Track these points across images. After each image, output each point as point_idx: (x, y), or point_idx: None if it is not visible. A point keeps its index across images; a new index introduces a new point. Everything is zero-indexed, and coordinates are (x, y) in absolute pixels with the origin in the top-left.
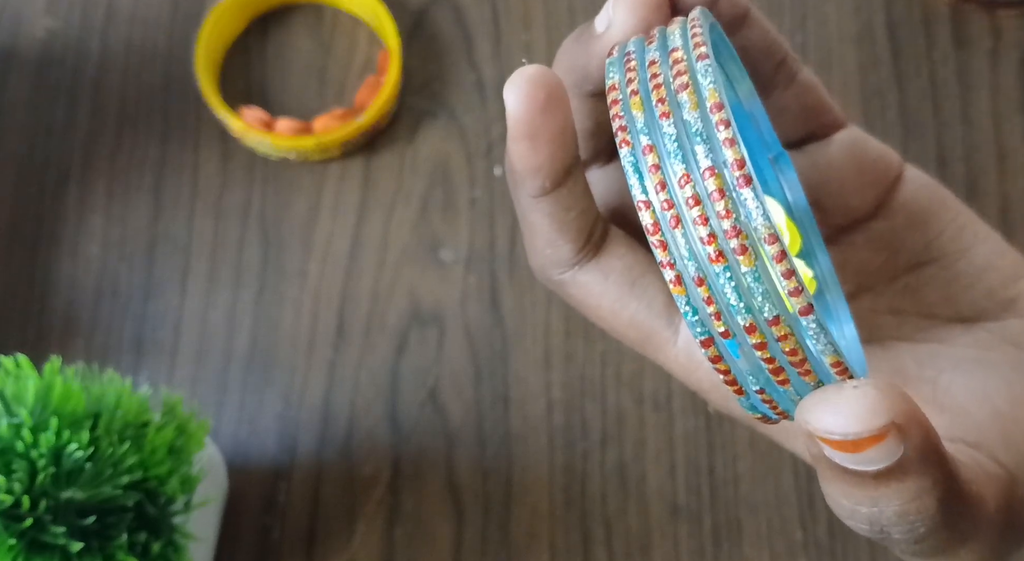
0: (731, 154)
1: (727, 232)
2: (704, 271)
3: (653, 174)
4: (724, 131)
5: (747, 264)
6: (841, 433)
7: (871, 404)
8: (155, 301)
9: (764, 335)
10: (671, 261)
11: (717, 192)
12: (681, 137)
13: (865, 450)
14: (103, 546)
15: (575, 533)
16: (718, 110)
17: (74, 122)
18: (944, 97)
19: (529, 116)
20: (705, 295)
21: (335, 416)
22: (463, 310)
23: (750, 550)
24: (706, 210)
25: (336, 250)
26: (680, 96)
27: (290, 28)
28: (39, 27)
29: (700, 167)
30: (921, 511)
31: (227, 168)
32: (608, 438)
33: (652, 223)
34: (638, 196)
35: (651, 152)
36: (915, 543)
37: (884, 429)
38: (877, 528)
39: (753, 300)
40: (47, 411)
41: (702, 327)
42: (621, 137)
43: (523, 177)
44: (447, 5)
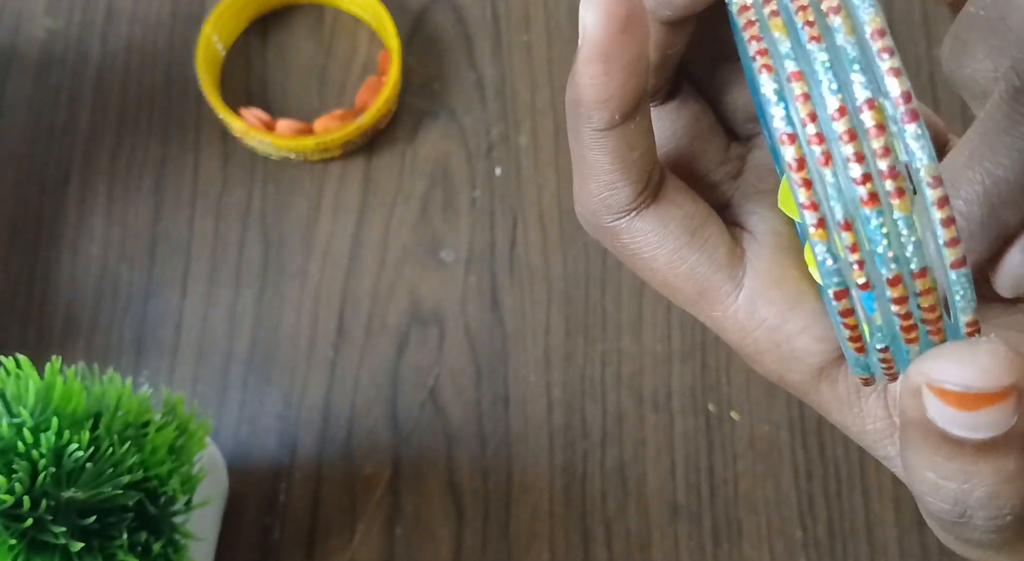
0: (897, 85)
1: (883, 173)
2: (853, 215)
3: (802, 104)
4: (888, 59)
5: (902, 209)
6: (964, 385)
7: (1000, 360)
8: (155, 301)
9: (906, 288)
10: (815, 202)
11: (876, 128)
12: (835, 64)
13: (982, 408)
14: (104, 546)
15: (575, 533)
16: (880, 37)
17: (74, 122)
18: (944, 97)
19: (608, 36)
20: (850, 241)
21: (335, 416)
22: (463, 310)
23: (750, 550)
24: (863, 147)
25: (336, 250)
26: (831, 19)
27: (290, 28)
28: (39, 27)
29: (858, 99)
30: (1015, 495)
31: (227, 168)
32: (608, 438)
33: (797, 159)
34: (781, 128)
35: (799, 80)
36: (994, 532)
37: (1008, 389)
38: (961, 509)
39: (903, 250)
40: (48, 411)
41: (839, 277)
42: (761, 62)
43: (592, 107)
44: (447, 5)
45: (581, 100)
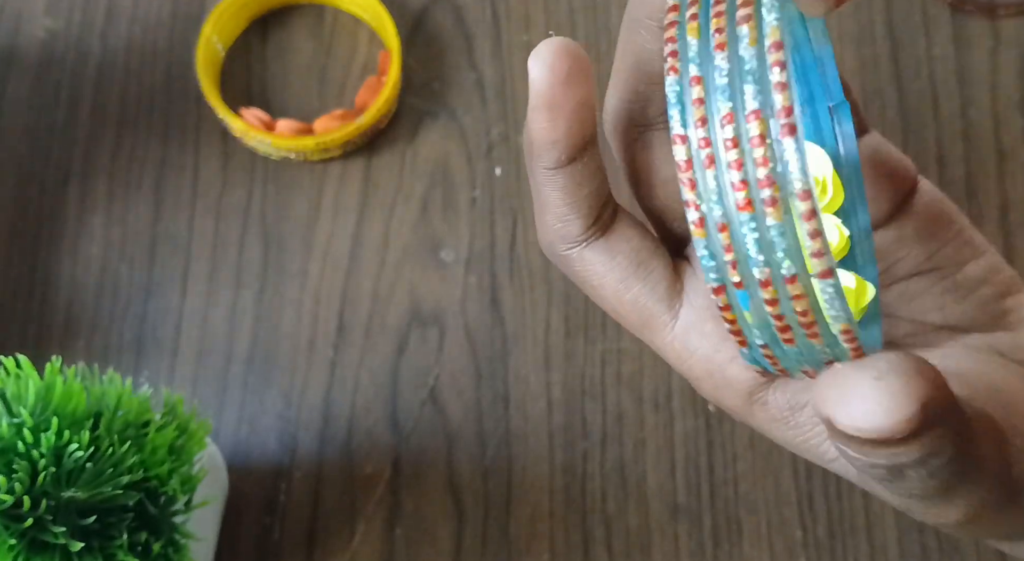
0: (780, 99)
1: (760, 181)
2: (729, 217)
3: (696, 108)
4: (778, 74)
5: (774, 217)
6: (869, 430)
7: (886, 394)
8: (155, 301)
9: (777, 292)
10: (697, 202)
11: (758, 137)
12: (732, 73)
13: (899, 444)
14: (103, 546)
15: (575, 533)
16: (776, 50)
17: (74, 122)
18: (944, 97)
19: (551, 87)
20: (725, 242)
21: (335, 416)
22: (463, 310)
23: (750, 550)
24: (743, 154)
25: (336, 250)
26: (740, 28)
27: (290, 28)
28: (39, 27)
29: (746, 108)
30: (940, 454)
31: (227, 168)
32: (608, 438)
33: (685, 160)
34: (676, 129)
35: (698, 84)
36: (930, 478)
37: (916, 416)
38: (896, 473)
39: (773, 255)
40: (48, 411)
41: (717, 274)
42: (670, 63)
43: (540, 149)
44: (447, 5)
45: (532, 142)
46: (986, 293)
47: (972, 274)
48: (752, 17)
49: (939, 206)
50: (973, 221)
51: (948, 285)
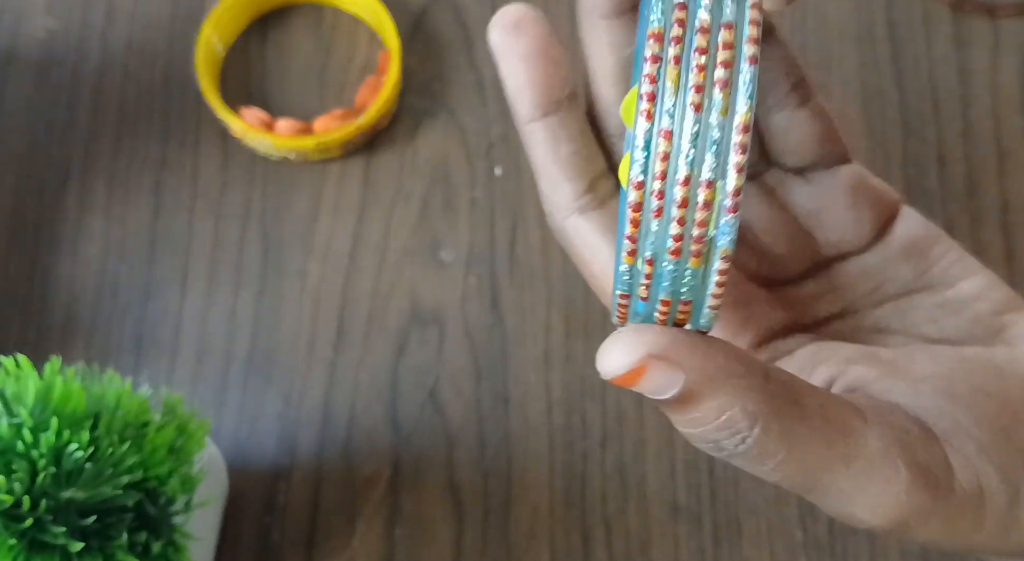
0: (733, 180)
1: (694, 238)
2: (658, 256)
3: (659, 162)
4: (737, 156)
5: (694, 265)
6: (608, 372)
7: (625, 344)
8: (155, 301)
9: (670, 308)
10: (636, 238)
11: (704, 205)
12: (701, 138)
13: (638, 382)
14: (103, 546)
15: (575, 533)
16: (741, 133)
17: (74, 122)
18: (944, 97)
19: (503, 37)
20: (648, 271)
21: (335, 416)
22: (463, 310)
23: (750, 550)
24: (688, 215)
25: (336, 250)
26: (715, 93)
27: (290, 28)
28: (39, 27)
29: (703, 176)
30: (732, 424)
31: (227, 168)
32: (608, 438)
33: (636, 202)
34: (635, 175)
35: (667, 140)
36: (746, 452)
37: (641, 362)
38: (712, 444)
39: (681, 287)
40: (47, 411)
41: (627, 286)
42: (646, 106)
43: (512, 99)
44: (447, 5)
45: (507, 96)
46: (981, 308)
47: (966, 291)
48: (729, 84)
49: (924, 229)
50: (973, 221)
51: (940, 300)
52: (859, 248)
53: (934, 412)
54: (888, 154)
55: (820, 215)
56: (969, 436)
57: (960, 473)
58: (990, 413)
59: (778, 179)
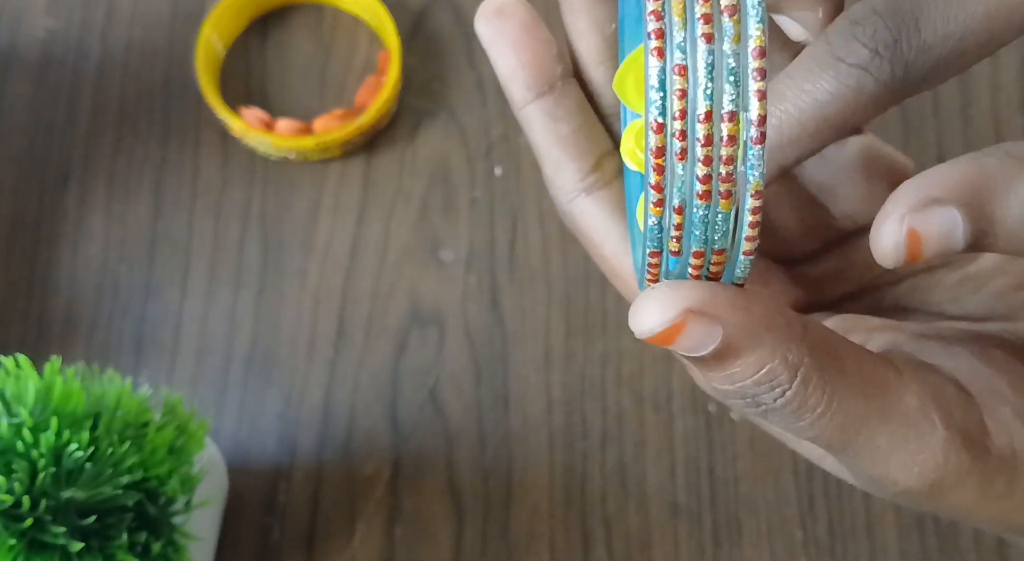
0: (756, 108)
1: (722, 176)
2: (687, 202)
3: (678, 100)
4: (758, 81)
5: (725, 207)
6: (644, 331)
7: (659, 301)
8: (155, 301)
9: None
10: (662, 186)
11: (729, 139)
12: (716, 69)
13: (676, 340)
14: (103, 546)
15: (575, 533)
16: (758, 57)
17: (74, 122)
18: (944, 97)
19: (489, 24)
20: (678, 221)
21: (335, 416)
22: (463, 310)
23: (750, 550)
24: (713, 152)
25: (336, 250)
26: (724, 20)
27: (290, 28)
28: (39, 27)
29: (724, 108)
30: (772, 377)
31: (227, 168)
32: (608, 438)
33: (658, 147)
34: (654, 116)
35: (682, 75)
36: (785, 407)
37: (679, 318)
38: (749, 399)
39: (714, 234)
40: (47, 411)
41: (657, 241)
42: (654, 44)
43: (505, 84)
44: (447, 5)
45: (501, 84)
46: (1002, 284)
47: (986, 265)
48: (737, 10)
49: None
50: None
51: (961, 277)
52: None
53: (969, 374)
54: None
55: (834, 189)
56: (1005, 400)
57: (996, 436)
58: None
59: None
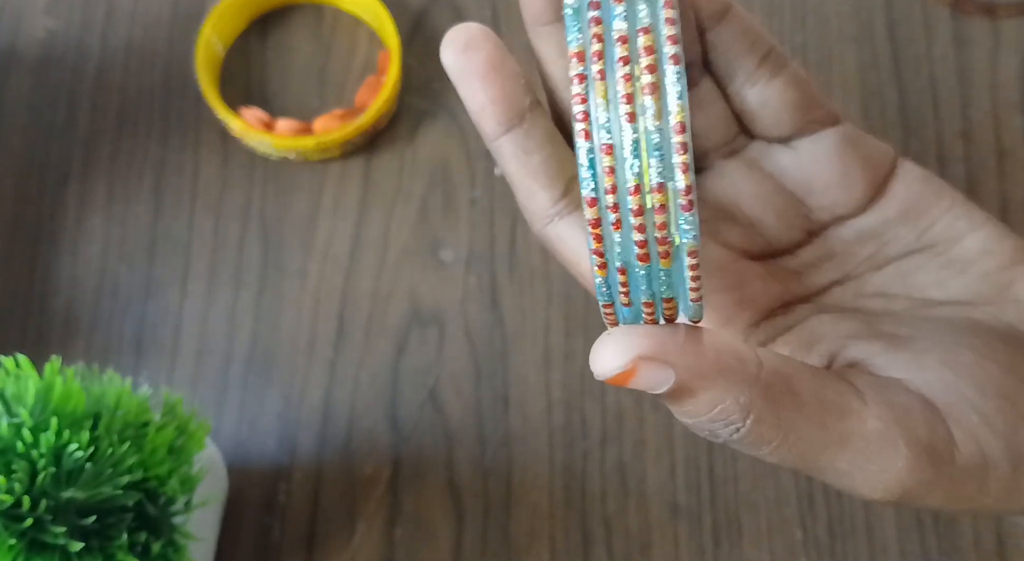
0: (683, 180)
1: (658, 239)
2: (628, 263)
3: (607, 176)
4: (682, 156)
5: (665, 265)
6: (601, 374)
7: (613, 348)
8: (155, 301)
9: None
10: (603, 252)
11: (660, 208)
12: (639, 146)
13: (632, 381)
14: (103, 546)
15: (575, 533)
16: (679, 133)
17: (74, 122)
18: (944, 97)
19: (456, 59)
20: (623, 280)
21: (335, 416)
22: (463, 310)
23: (750, 550)
24: (646, 220)
25: (336, 250)
26: (644, 99)
27: (290, 28)
28: (39, 27)
29: (652, 180)
30: (725, 415)
31: (227, 168)
32: (608, 438)
33: (594, 218)
34: (586, 191)
35: (609, 154)
36: (742, 440)
37: (631, 364)
38: (707, 432)
39: (657, 287)
40: (47, 411)
41: (607, 297)
42: (582, 127)
43: (475, 119)
44: (447, 5)
45: (471, 116)
46: (988, 265)
47: (970, 247)
48: (657, 88)
49: (924, 185)
50: None
51: (944, 260)
52: (855, 211)
53: (937, 384)
54: None
55: (810, 182)
56: (972, 407)
57: (963, 445)
58: (994, 380)
59: (762, 151)
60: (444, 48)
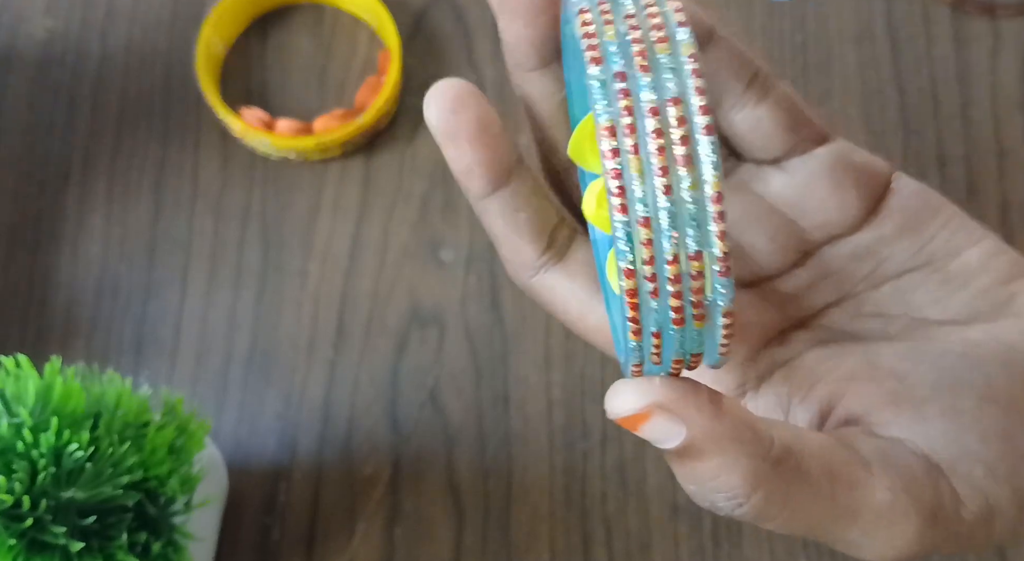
0: (719, 248)
1: (694, 303)
2: (662, 327)
3: (645, 249)
4: (718, 224)
5: (698, 326)
6: (613, 413)
7: (633, 389)
8: (155, 301)
9: (680, 364)
10: (638, 319)
11: (697, 274)
12: (677, 217)
13: (640, 426)
14: (103, 546)
15: (575, 533)
16: (716, 203)
17: (74, 122)
18: (944, 97)
19: (443, 118)
20: (656, 345)
21: (335, 416)
22: (463, 310)
23: (750, 550)
24: (683, 288)
25: (336, 250)
26: (680, 171)
27: (290, 28)
28: (39, 27)
29: (689, 248)
30: (729, 488)
31: (227, 168)
32: (608, 438)
33: (631, 288)
34: (624, 264)
35: (646, 227)
36: (744, 514)
37: (646, 409)
38: (707, 503)
39: (688, 348)
40: (47, 411)
41: (638, 358)
42: (618, 202)
43: (461, 179)
44: (447, 5)
45: (455, 175)
46: (985, 281)
47: (968, 262)
48: (690, 160)
49: (921, 199)
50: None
51: (943, 277)
52: (850, 229)
53: (940, 440)
54: (888, 154)
55: (803, 203)
56: (976, 458)
57: (969, 501)
58: (996, 424)
59: (752, 173)
60: (429, 106)
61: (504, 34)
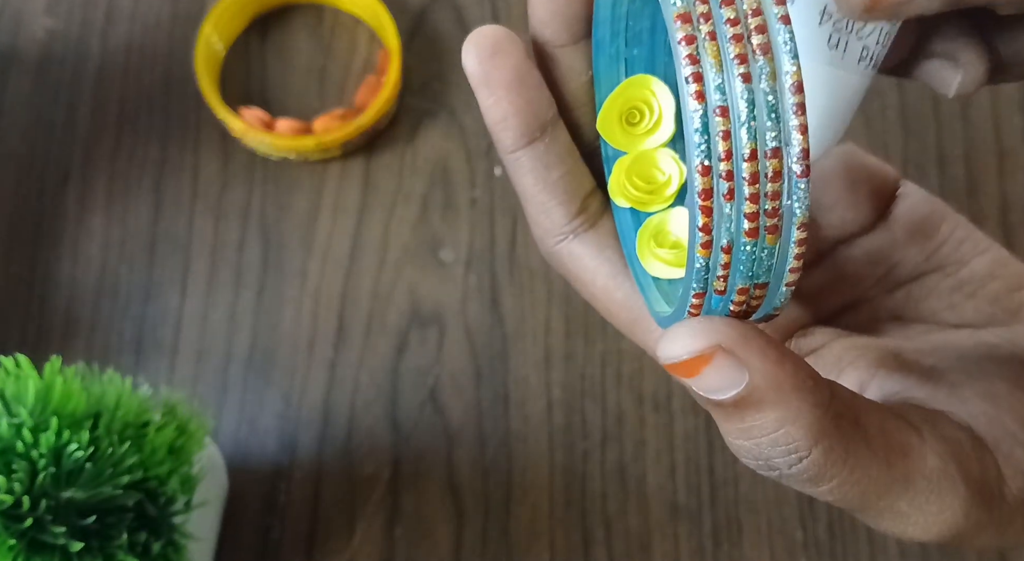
0: (800, 142)
1: (768, 211)
2: (734, 240)
3: (722, 141)
4: (799, 117)
5: (771, 242)
6: (670, 357)
7: (693, 330)
8: (155, 301)
9: (747, 298)
10: (710, 227)
11: (774, 174)
12: (756, 107)
13: (700, 372)
14: (103, 546)
15: (575, 533)
16: (797, 92)
17: (74, 122)
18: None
19: (480, 64)
20: (726, 260)
21: (335, 416)
22: (463, 310)
23: (750, 550)
24: (759, 189)
25: (336, 250)
26: (758, 59)
27: (290, 28)
28: (39, 27)
29: (768, 144)
30: (789, 440)
31: (227, 168)
32: (608, 438)
33: (705, 189)
34: (699, 158)
35: (724, 116)
36: (799, 474)
37: (708, 350)
38: (763, 462)
39: (759, 269)
40: (47, 411)
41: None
42: (694, 88)
43: (494, 129)
44: (447, 5)
45: (488, 126)
46: (996, 288)
47: (978, 270)
48: (769, 49)
49: (928, 206)
50: (973, 221)
51: (954, 283)
52: (862, 229)
53: (982, 419)
54: (888, 154)
55: (817, 199)
56: (1017, 440)
57: (1011, 481)
58: None
59: None
60: (467, 51)
61: (536, 8)
